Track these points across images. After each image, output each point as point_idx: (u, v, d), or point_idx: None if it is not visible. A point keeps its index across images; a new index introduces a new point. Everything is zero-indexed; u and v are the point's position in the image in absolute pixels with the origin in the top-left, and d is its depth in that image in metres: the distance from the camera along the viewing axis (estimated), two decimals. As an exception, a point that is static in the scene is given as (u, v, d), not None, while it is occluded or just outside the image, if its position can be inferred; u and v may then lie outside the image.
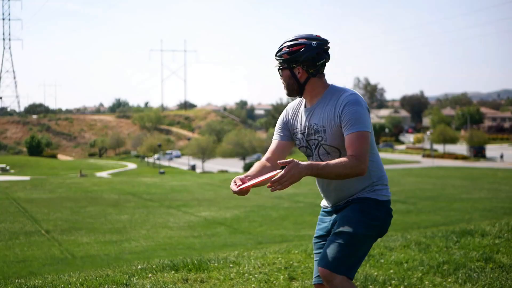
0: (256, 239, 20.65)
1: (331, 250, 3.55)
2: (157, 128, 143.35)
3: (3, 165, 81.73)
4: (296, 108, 3.92)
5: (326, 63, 3.78)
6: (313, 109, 3.77)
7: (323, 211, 3.99)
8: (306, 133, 3.79)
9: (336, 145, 3.69)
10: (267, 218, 26.36)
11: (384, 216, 3.80)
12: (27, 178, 59.16)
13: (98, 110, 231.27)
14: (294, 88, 3.75)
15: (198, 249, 19.44)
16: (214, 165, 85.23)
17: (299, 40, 3.70)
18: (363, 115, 3.62)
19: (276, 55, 3.77)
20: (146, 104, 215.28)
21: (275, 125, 4.31)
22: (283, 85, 3.81)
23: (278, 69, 3.80)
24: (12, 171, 79.57)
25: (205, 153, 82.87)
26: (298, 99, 3.94)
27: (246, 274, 5.81)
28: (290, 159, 3.39)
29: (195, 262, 6.11)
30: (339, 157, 3.68)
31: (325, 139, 3.70)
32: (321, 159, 3.75)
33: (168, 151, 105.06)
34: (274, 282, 5.47)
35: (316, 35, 3.75)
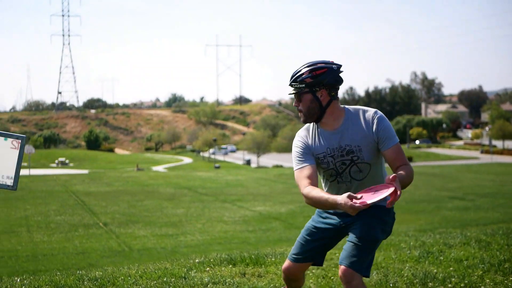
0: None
1: (354, 252, 3.72)
2: (213, 122, 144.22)
3: (62, 159, 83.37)
4: (312, 133, 3.97)
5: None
6: (342, 131, 3.85)
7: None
8: (335, 155, 3.87)
9: (370, 161, 3.86)
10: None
11: (392, 222, 4.00)
12: (85, 171, 60.21)
13: (154, 105, 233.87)
14: (315, 112, 3.83)
15: (253, 243, 19.50)
16: (269, 160, 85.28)
17: (319, 64, 3.80)
18: (392, 128, 3.86)
19: (296, 81, 3.83)
20: (202, 99, 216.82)
21: None
22: (301, 111, 3.88)
23: (297, 94, 3.85)
24: (71, 164, 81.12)
25: (260, 148, 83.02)
26: (306, 126, 4.01)
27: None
28: (394, 174, 3.54)
29: (253, 256, 6.10)
30: (369, 172, 3.89)
31: (361, 157, 3.83)
32: (351, 177, 3.89)
33: (223, 146, 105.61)
34: (332, 278, 5.43)
35: (330, 61, 3.86)
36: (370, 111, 3.86)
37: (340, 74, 3.85)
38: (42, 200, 31.50)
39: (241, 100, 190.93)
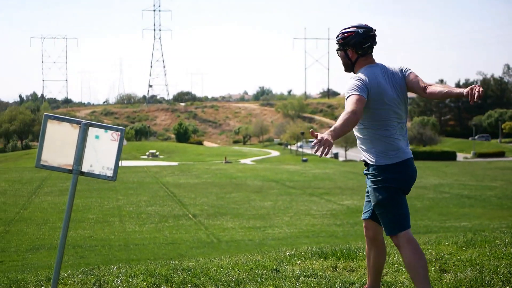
0: (400, 229, 20.30)
1: (380, 221, 4.68)
2: (300, 116, 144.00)
3: (153, 151, 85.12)
4: None
5: (374, 46, 4.69)
6: None
7: None
8: None
9: None
10: (411, 208, 25.52)
11: (386, 175, 4.62)
12: (175, 163, 61.27)
13: (242, 98, 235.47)
14: (348, 66, 4.75)
15: (340, 237, 19.38)
16: (357, 153, 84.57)
17: (351, 28, 4.68)
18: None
19: (335, 40, 4.79)
20: (289, 92, 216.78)
21: (420, 114, 4.96)
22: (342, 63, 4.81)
23: (337, 50, 4.81)
24: (161, 156, 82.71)
25: (347, 142, 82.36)
26: None
27: (396, 265, 5.71)
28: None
29: (344, 250, 6.07)
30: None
31: None
32: None
33: (311, 139, 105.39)
34: (425, 274, 5.33)
35: (365, 24, 4.69)
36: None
37: (371, 37, 4.64)
38: (133, 191, 32.27)
39: (329, 93, 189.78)
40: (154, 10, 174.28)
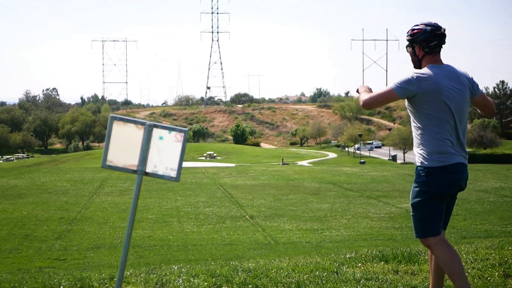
0: (460, 233, 19.94)
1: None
2: (358, 118, 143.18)
3: (210, 152, 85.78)
4: None
5: (442, 46, 4.75)
6: None
7: None
8: None
9: None
10: (471, 212, 25.36)
11: (426, 179, 4.63)
12: (232, 165, 61.59)
13: (299, 100, 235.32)
14: (415, 62, 4.82)
15: (399, 240, 19.14)
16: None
17: (420, 25, 4.75)
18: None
19: (406, 36, 4.87)
20: (347, 93, 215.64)
21: (480, 116, 5.26)
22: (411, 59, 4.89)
23: (406, 47, 4.90)
24: (218, 158, 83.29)
25: (406, 144, 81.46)
26: None
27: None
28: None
29: (405, 254, 6.01)
30: None
31: None
32: None
33: (369, 141, 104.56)
34: (489, 278, 5.24)
35: (434, 23, 4.74)
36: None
37: (439, 35, 4.70)
38: (192, 192, 32.51)
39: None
40: (212, 13, 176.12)
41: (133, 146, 3.75)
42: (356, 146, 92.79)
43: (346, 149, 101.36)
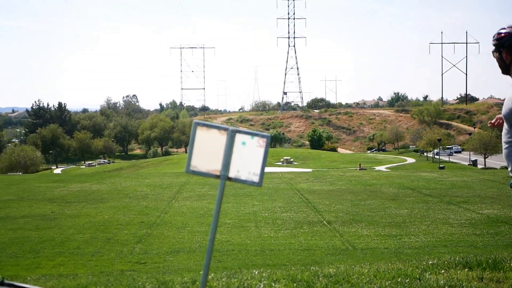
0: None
1: None
2: (437, 122, 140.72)
3: (287, 157, 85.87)
4: None
5: None
6: None
7: None
8: None
9: None
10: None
11: None
12: (309, 170, 61.48)
13: (376, 104, 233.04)
14: (503, 68, 4.60)
15: (480, 247, 18.71)
16: (497, 161, 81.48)
17: (506, 29, 4.47)
18: None
19: (492, 40, 4.60)
20: (425, 98, 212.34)
21: None
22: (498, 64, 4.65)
23: (492, 52, 4.62)
24: (295, 163, 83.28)
25: (487, 149, 79.62)
26: None
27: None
28: None
29: (490, 261, 5.88)
30: None
31: None
32: None
33: (448, 146, 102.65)
34: None
35: None
36: None
37: None
38: (269, 197, 32.63)
39: (467, 99, 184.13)
40: (289, 18, 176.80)
41: (216, 152, 3.80)
42: (435, 151, 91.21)
43: (425, 154, 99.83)
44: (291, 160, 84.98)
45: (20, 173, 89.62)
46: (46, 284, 7.41)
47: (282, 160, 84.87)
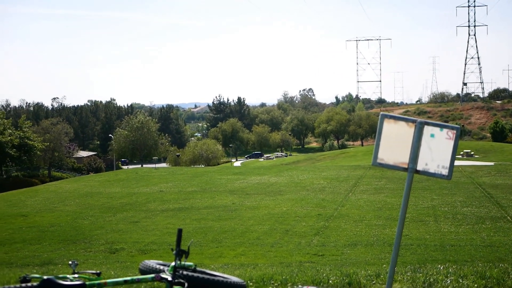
0: None
1: None
2: None
3: (467, 150, 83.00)
4: None
5: None
6: None
7: None
8: None
9: None
10: None
11: None
12: (491, 163, 58.97)
13: None
14: None
15: None
16: None
17: None
18: None
19: None
20: None
21: None
22: None
23: None
24: (476, 156, 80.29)
25: None
26: None
27: None
28: None
29: None
30: None
31: None
32: None
33: None
34: None
35: None
36: None
37: None
38: (448, 191, 31.73)
39: None
40: (469, 6, 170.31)
41: (403, 144, 3.73)
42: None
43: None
44: (472, 153, 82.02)
45: (203, 166, 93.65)
46: (234, 272, 7.70)
47: (462, 153, 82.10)
